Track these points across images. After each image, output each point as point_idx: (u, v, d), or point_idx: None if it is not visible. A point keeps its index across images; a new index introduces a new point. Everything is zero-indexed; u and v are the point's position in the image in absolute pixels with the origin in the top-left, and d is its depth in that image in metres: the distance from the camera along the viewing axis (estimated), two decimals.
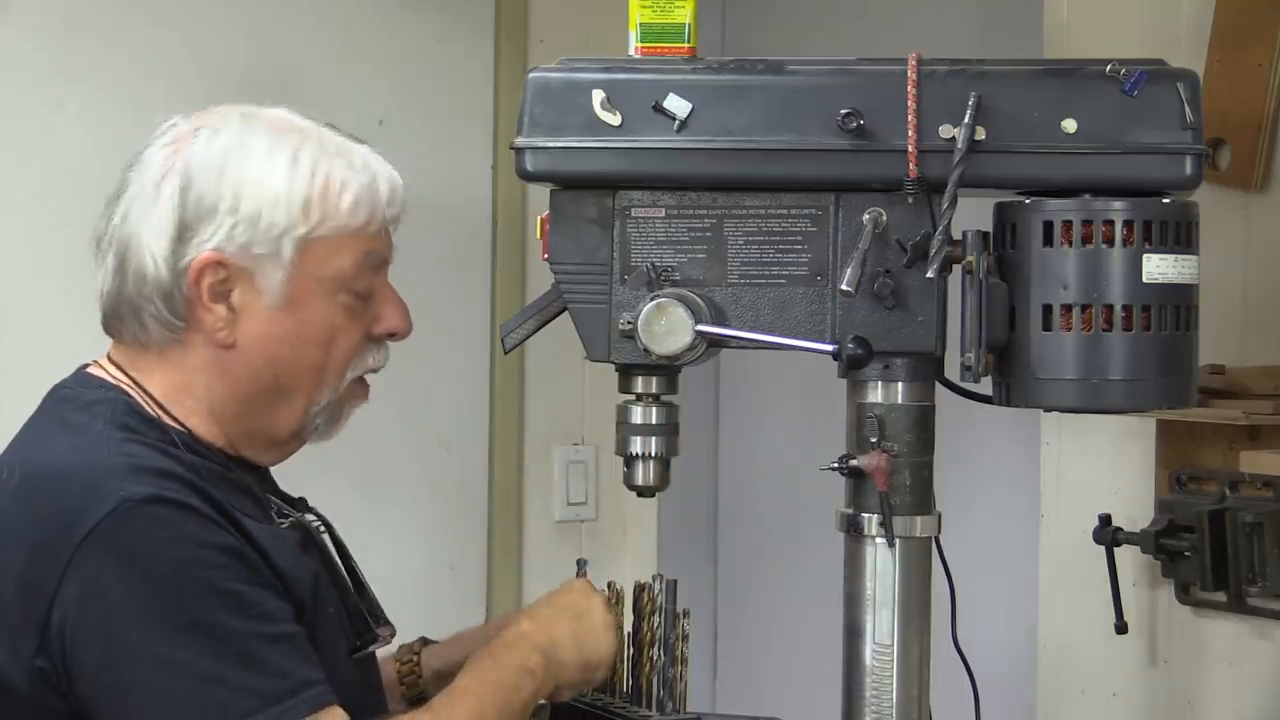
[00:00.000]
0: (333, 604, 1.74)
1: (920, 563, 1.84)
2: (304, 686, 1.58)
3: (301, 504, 1.84)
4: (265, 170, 1.70)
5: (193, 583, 1.57)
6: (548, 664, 1.78)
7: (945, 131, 1.77)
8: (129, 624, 1.56)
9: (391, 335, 1.78)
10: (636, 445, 1.86)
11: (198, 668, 1.55)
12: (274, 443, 1.76)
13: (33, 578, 1.58)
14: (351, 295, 1.73)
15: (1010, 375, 1.79)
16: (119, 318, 1.75)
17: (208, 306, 1.70)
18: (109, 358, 1.77)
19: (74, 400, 1.72)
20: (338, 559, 1.85)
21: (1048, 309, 1.76)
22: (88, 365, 1.78)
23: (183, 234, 1.69)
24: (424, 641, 2.01)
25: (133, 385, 1.72)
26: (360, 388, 1.79)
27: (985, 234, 1.79)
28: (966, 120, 1.76)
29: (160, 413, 1.71)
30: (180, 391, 1.72)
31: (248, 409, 1.73)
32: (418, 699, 1.92)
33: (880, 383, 1.83)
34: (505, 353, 1.95)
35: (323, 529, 1.84)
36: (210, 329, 1.70)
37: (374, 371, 1.79)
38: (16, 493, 1.64)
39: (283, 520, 1.75)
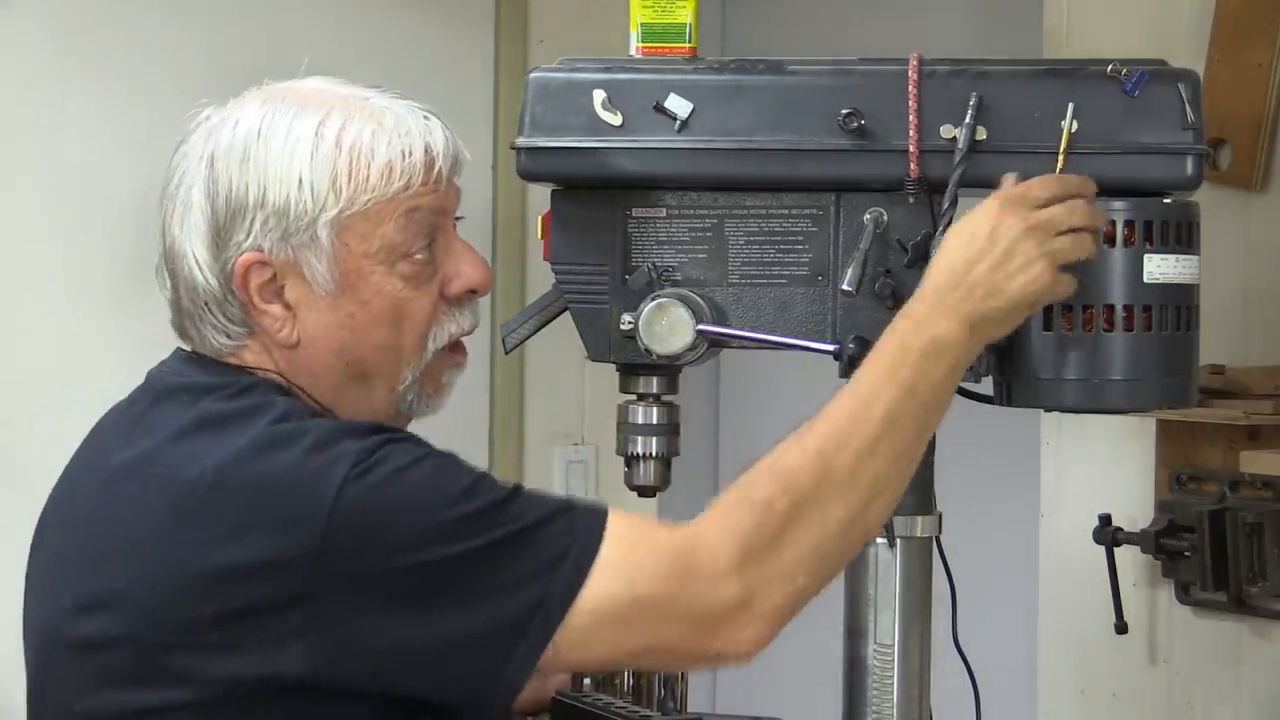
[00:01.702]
0: None
1: (921, 563, 1.84)
2: (575, 505, 1.56)
3: None
4: (287, 153, 1.61)
5: (445, 486, 1.52)
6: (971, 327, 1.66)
7: (946, 131, 1.77)
8: (423, 548, 1.49)
9: (471, 292, 1.68)
10: (637, 445, 1.85)
11: (504, 536, 1.51)
12: None
13: (275, 562, 1.49)
14: (411, 262, 1.63)
15: (1011, 375, 1.79)
16: (184, 330, 1.68)
17: (262, 309, 1.62)
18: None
19: (217, 391, 1.61)
20: None
21: (1048, 309, 1.76)
22: (184, 354, 1.68)
23: (218, 237, 1.62)
24: None
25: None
26: (452, 354, 1.70)
27: None
28: (968, 120, 1.76)
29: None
30: (314, 394, 1.65)
31: (335, 401, 1.65)
32: None
33: None
34: (505, 353, 1.95)
35: None
36: (271, 331, 1.62)
37: (464, 335, 1.69)
38: (216, 485, 1.52)
39: None
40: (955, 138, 1.76)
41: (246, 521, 1.51)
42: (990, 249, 1.66)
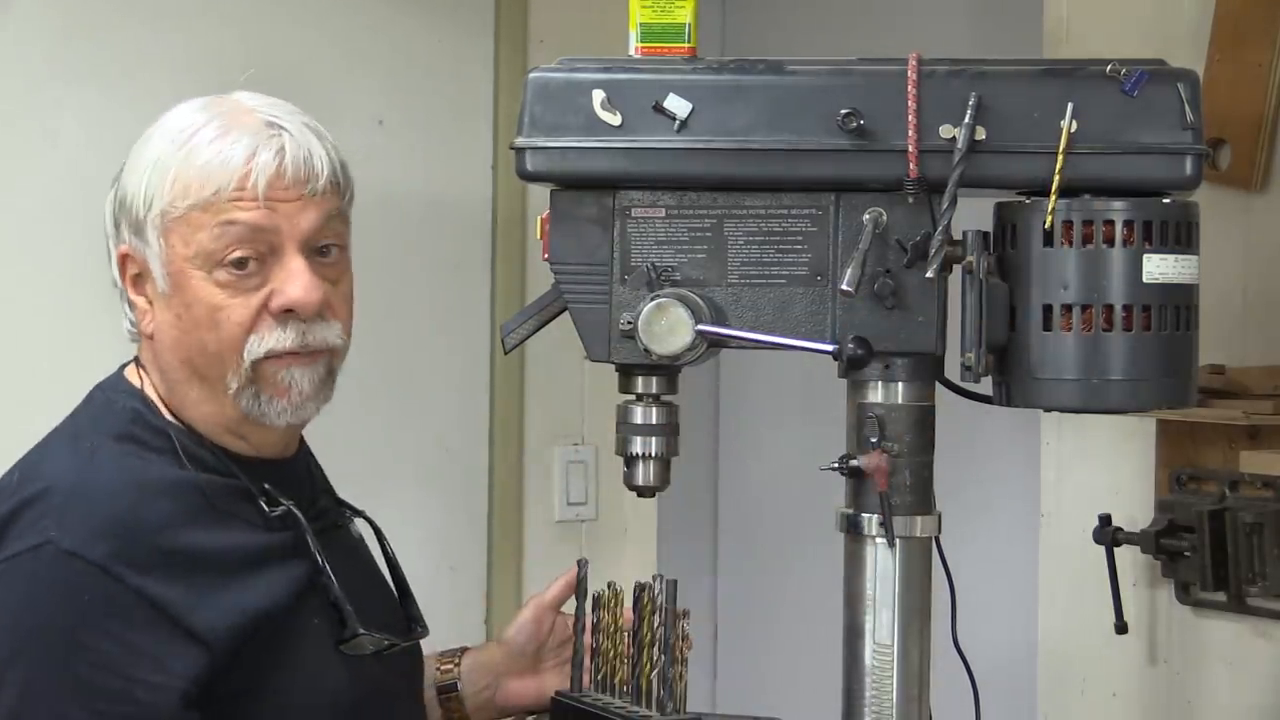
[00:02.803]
0: (319, 611, 1.73)
1: (920, 563, 1.84)
2: None
3: (325, 499, 1.84)
4: (149, 157, 1.72)
5: (59, 652, 1.59)
6: None
7: (945, 131, 1.77)
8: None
9: (288, 310, 1.71)
10: (637, 445, 1.85)
11: None
12: (239, 435, 1.74)
13: None
14: (228, 271, 1.69)
15: (1010, 375, 1.79)
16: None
17: (133, 299, 1.75)
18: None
19: (99, 406, 1.75)
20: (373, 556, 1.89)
21: (1048, 309, 1.76)
22: (128, 364, 1.80)
23: (115, 231, 1.75)
24: (464, 650, 2.02)
25: (149, 385, 1.75)
26: (286, 358, 1.72)
27: (985, 234, 1.79)
28: (967, 120, 1.75)
29: (170, 416, 1.73)
30: (164, 387, 1.75)
31: (181, 399, 1.73)
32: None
33: (880, 383, 1.82)
34: (505, 353, 1.95)
35: (349, 517, 1.86)
36: (140, 321, 1.75)
37: (289, 351, 1.72)
38: (16, 487, 1.68)
39: (274, 509, 1.73)
40: (954, 138, 1.76)
41: None
42: None
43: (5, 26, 2.81)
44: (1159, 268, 1.75)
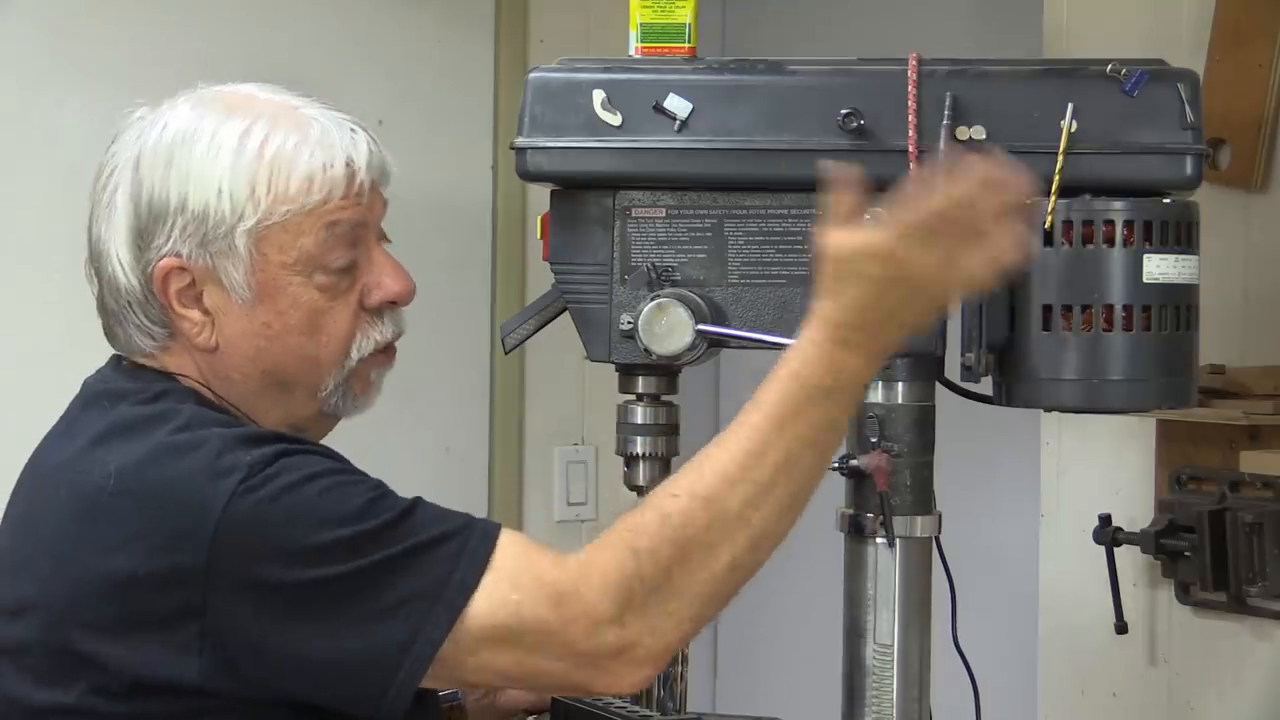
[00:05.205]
0: None
1: (920, 563, 1.84)
2: (469, 523, 1.56)
3: None
4: (209, 160, 1.61)
5: (336, 504, 1.52)
6: (867, 362, 1.56)
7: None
8: (308, 566, 1.49)
9: (391, 303, 1.69)
10: (637, 445, 1.86)
11: (389, 556, 1.51)
12: (299, 429, 1.68)
13: (169, 573, 1.50)
14: (328, 273, 1.63)
15: (1010, 375, 1.79)
16: (111, 331, 1.69)
17: (180, 313, 1.63)
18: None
19: (132, 396, 1.62)
20: None
21: (1048, 309, 1.76)
22: (114, 360, 1.70)
23: (140, 239, 1.63)
24: None
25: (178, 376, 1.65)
26: (379, 356, 1.69)
27: None
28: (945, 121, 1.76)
29: (215, 398, 1.65)
30: (229, 397, 1.66)
31: (254, 406, 1.65)
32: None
33: (880, 383, 1.83)
34: (505, 353, 1.95)
35: None
36: (190, 335, 1.63)
37: (388, 343, 1.69)
38: (117, 491, 1.54)
39: None
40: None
41: (139, 530, 1.52)
42: (899, 282, 1.54)
43: (5, 23, 2.81)
44: (1159, 268, 1.75)
